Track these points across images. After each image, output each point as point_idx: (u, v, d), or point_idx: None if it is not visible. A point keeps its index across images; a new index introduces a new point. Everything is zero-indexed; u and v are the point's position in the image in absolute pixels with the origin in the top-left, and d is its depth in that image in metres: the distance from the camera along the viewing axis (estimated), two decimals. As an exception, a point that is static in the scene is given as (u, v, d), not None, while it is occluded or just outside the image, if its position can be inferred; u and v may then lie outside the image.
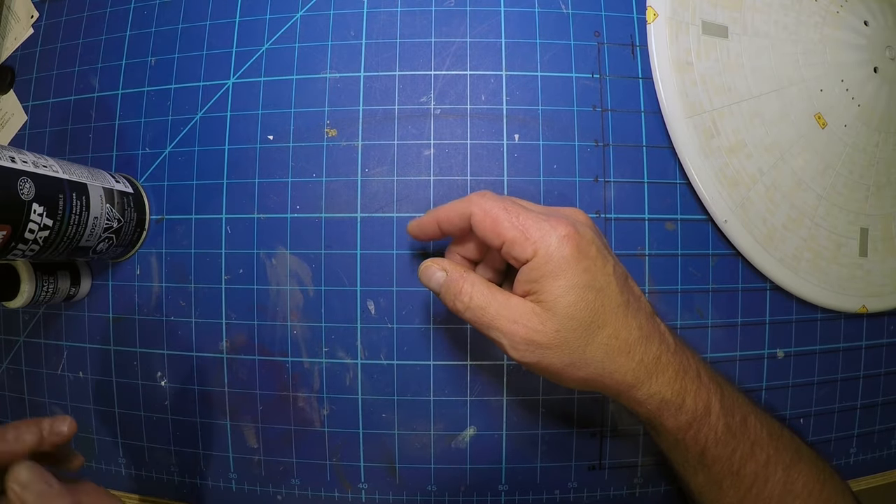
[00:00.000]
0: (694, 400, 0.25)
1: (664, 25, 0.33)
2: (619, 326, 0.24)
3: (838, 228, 0.35)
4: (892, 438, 0.36)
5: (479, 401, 0.32)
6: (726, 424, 0.25)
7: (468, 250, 0.28)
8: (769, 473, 0.26)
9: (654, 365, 0.25)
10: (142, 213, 0.34)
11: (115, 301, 0.35)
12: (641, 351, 0.24)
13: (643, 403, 0.25)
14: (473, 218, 0.25)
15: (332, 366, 0.33)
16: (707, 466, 0.26)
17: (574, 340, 0.24)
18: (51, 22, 0.38)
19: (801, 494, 0.26)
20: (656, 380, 0.25)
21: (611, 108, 0.33)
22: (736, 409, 0.26)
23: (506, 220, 0.24)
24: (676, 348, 0.26)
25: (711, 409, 0.25)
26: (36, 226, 0.26)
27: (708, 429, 0.25)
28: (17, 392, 0.37)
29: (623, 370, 0.24)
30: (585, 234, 0.24)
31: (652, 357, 0.25)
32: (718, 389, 0.26)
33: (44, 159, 0.28)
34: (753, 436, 0.26)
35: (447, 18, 0.33)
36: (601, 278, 0.24)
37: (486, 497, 0.33)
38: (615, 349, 0.24)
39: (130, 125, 0.35)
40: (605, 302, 0.24)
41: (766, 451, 0.26)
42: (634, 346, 0.24)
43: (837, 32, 0.35)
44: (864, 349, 0.35)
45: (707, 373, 0.26)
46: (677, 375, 0.25)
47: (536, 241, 0.24)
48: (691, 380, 0.25)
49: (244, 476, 0.34)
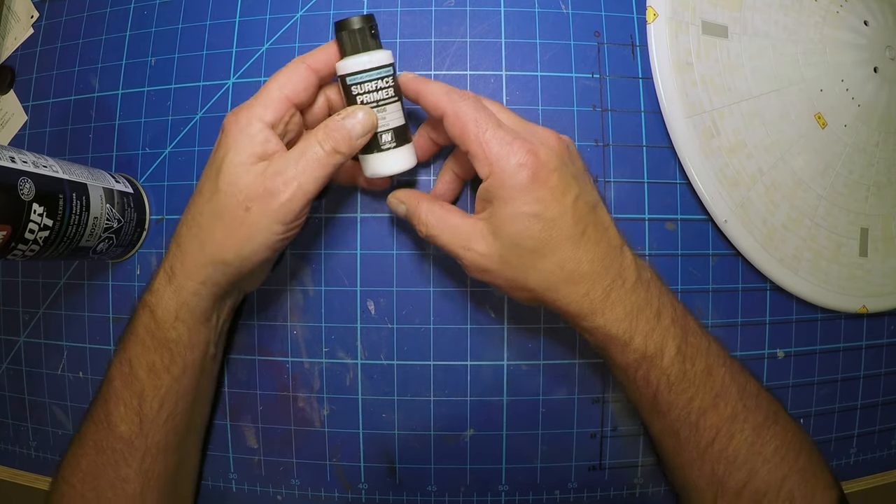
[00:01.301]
0: (644, 340, 0.25)
1: (664, 25, 0.33)
2: (565, 258, 0.24)
3: (838, 228, 0.35)
4: (892, 438, 0.36)
5: (479, 401, 0.32)
6: (682, 371, 0.25)
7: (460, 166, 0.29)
8: (734, 430, 0.25)
9: (601, 300, 0.25)
10: (142, 213, 0.34)
11: (115, 301, 0.35)
12: (588, 285, 0.24)
13: (591, 333, 0.26)
14: (444, 118, 0.26)
15: (332, 366, 0.33)
16: (662, 413, 0.26)
17: (516, 265, 0.25)
18: (51, 22, 0.38)
19: (771, 459, 0.25)
20: (602, 315, 0.25)
21: (611, 108, 0.33)
22: (698, 357, 0.25)
23: (472, 131, 0.25)
24: (635, 286, 0.25)
25: (665, 352, 0.25)
26: (36, 226, 0.26)
27: (659, 372, 0.25)
28: (17, 392, 0.37)
29: (566, 300, 0.25)
30: (549, 162, 0.24)
31: (601, 292, 0.24)
32: (680, 334, 0.25)
33: (44, 159, 0.28)
34: (718, 387, 0.25)
35: (447, 18, 0.33)
36: (554, 208, 0.24)
37: (486, 497, 0.33)
38: (559, 279, 0.24)
39: (130, 125, 0.35)
40: (553, 233, 0.24)
41: (732, 406, 0.25)
42: (583, 279, 0.24)
43: (837, 32, 0.35)
44: (864, 349, 0.35)
45: (671, 316, 0.26)
46: (627, 314, 0.25)
47: (493, 163, 0.24)
48: (646, 320, 0.25)
49: (244, 476, 0.34)
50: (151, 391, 0.27)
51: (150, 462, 0.27)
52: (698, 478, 0.26)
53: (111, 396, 0.27)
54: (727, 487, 0.25)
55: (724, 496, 0.25)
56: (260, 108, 0.26)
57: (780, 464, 0.25)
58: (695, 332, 0.26)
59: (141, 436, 0.27)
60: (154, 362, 0.27)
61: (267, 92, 0.26)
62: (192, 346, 0.28)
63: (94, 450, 0.27)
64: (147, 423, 0.27)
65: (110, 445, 0.27)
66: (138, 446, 0.27)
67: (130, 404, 0.27)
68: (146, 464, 0.27)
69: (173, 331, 0.27)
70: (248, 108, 0.26)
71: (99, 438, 0.27)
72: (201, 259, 0.26)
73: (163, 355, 0.27)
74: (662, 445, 0.27)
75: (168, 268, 0.27)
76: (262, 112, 0.26)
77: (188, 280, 0.26)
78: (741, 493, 0.25)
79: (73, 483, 0.28)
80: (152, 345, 0.27)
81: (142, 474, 0.27)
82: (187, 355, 0.28)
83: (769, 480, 0.25)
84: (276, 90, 0.26)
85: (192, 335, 0.28)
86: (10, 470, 0.37)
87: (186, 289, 0.26)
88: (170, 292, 0.27)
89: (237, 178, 0.25)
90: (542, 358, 0.32)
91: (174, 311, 0.27)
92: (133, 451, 0.27)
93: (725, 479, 0.25)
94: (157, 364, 0.27)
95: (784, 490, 0.25)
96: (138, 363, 0.27)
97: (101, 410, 0.28)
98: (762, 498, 0.25)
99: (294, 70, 0.26)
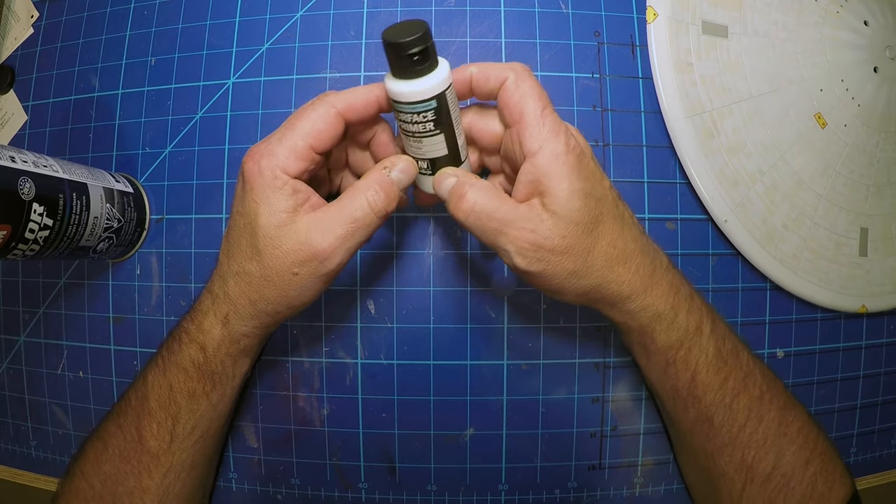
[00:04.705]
0: (686, 317, 0.25)
1: (664, 25, 0.33)
2: (616, 236, 0.24)
3: (838, 228, 0.35)
4: (892, 438, 0.36)
5: (479, 401, 0.32)
6: (717, 349, 0.25)
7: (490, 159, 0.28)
8: (763, 411, 0.26)
9: (649, 277, 0.25)
10: (142, 212, 0.34)
11: (115, 301, 0.35)
12: (637, 262, 0.25)
13: (637, 316, 0.25)
14: (508, 81, 0.24)
15: (332, 365, 0.33)
16: (698, 398, 0.26)
17: (579, 245, 0.24)
18: (51, 22, 0.38)
19: (796, 440, 0.25)
20: (651, 292, 0.25)
21: (611, 108, 0.33)
22: (727, 337, 0.26)
23: (533, 105, 0.24)
24: (669, 266, 0.26)
25: (703, 329, 0.25)
26: (36, 226, 0.26)
27: (699, 350, 0.25)
28: (17, 392, 0.37)
29: (620, 280, 0.25)
30: (587, 151, 0.25)
31: (647, 269, 0.25)
32: (710, 313, 0.26)
33: (44, 159, 0.28)
34: (746, 368, 0.26)
35: (447, 18, 0.33)
36: (599, 189, 0.24)
37: (486, 497, 0.33)
38: (614, 258, 0.24)
39: (130, 125, 0.35)
40: (604, 210, 0.24)
41: (759, 387, 0.26)
42: (631, 257, 0.25)
43: (837, 32, 0.35)
44: (863, 349, 0.35)
45: (699, 297, 0.27)
46: (671, 290, 0.25)
47: (547, 138, 0.23)
48: (684, 298, 0.26)
49: (244, 476, 0.34)
50: (187, 414, 0.27)
51: (172, 478, 0.28)
52: (727, 464, 0.26)
53: (145, 414, 0.27)
54: (756, 473, 0.25)
55: (753, 482, 0.26)
56: (283, 157, 0.24)
57: (804, 445, 0.26)
58: (719, 317, 0.27)
59: (168, 453, 0.27)
60: (195, 389, 0.27)
61: (291, 139, 0.24)
62: (234, 376, 0.28)
63: (119, 458, 0.27)
64: (177, 442, 0.27)
65: (136, 457, 0.27)
66: (164, 462, 0.27)
67: (164, 424, 0.27)
68: (168, 479, 0.27)
69: (220, 365, 0.27)
70: (270, 156, 0.24)
71: (126, 449, 0.27)
72: (253, 311, 0.26)
73: (205, 384, 0.27)
74: (695, 435, 0.27)
75: (221, 315, 0.26)
76: (286, 163, 0.24)
77: (242, 325, 0.27)
78: (770, 478, 0.25)
79: (93, 483, 0.27)
80: (196, 375, 0.27)
81: (163, 489, 0.27)
82: (228, 385, 0.28)
83: (794, 463, 0.25)
84: (300, 139, 0.24)
85: (236, 367, 0.28)
86: (11, 470, 0.37)
87: (240, 332, 0.27)
88: (223, 334, 0.27)
89: (279, 243, 0.24)
90: (542, 358, 0.32)
91: (225, 350, 0.27)
92: (158, 465, 0.27)
93: (754, 464, 0.25)
94: (198, 391, 0.27)
95: (808, 474, 0.25)
96: (179, 389, 0.27)
97: (133, 426, 0.27)
98: (788, 482, 0.25)
99: (322, 117, 0.24)
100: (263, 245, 0.24)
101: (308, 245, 0.24)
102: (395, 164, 0.25)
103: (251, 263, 0.25)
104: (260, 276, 0.25)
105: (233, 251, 0.26)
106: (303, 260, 0.24)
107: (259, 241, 0.24)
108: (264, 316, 0.26)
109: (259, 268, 0.25)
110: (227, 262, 0.26)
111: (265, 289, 0.25)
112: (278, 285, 0.25)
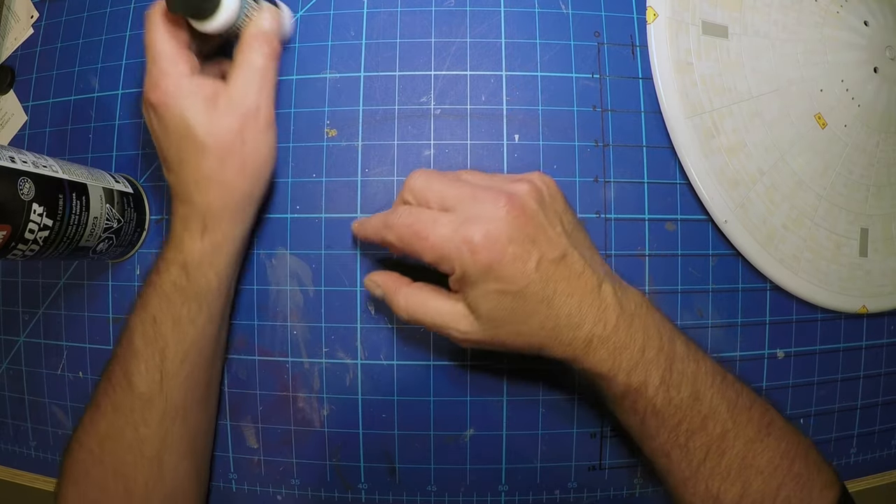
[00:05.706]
0: (627, 376, 0.25)
1: (664, 25, 0.33)
2: (543, 319, 0.25)
3: (838, 228, 0.35)
4: (892, 438, 0.36)
5: (479, 401, 0.32)
6: (667, 398, 0.25)
7: None
8: (725, 447, 0.25)
9: (583, 347, 0.25)
10: (142, 213, 0.34)
11: (115, 301, 0.35)
12: (570, 336, 0.25)
13: (579, 373, 0.27)
14: (392, 248, 0.27)
15: (332, 366, 0.33)
16: (651, 437, 0.26)
17: (502, 334, 0.26)
18: (51, 22, 0.37)
19: (764, 470, 0.25)
20: (586, 360, 0.25)
21: (611, 109, 0.33)
22: (683, 384, 0.26)
23: (419, 246, 0.26)
24: (616, 325, 0.25)
25: (649, 383, 0.25)
26: (36, 226, 0.26)
27: (645, 401, 0.25)
28: (17, 392, 0.37)
29: (553, 351, 0.26)
30: (501, 235, 0.24)
31: (582, 340, 0.25)
32: (665, 363, 0.25)
33: (44, 159, 0.28)
34: (706, 410, 0.26)
35: (447, 18, 0.33)
36: (519, 280, 0.24)
37: (486, 497, 0.33)
38: (543, 338, 0.25)
39: (130, 125, 0.35)
40: (525, 302, 0.25)
41: (721, 425, 0.26)
42: (562, 332, 0.25)
43: (837, 32, 0.35)
44: (864, 349, 0.35)
45: (657, 346, 0.26)
46: (610, 354, 0.25)
47: (454, 260, 0.25)
48: (628, 357, 0.25)
49: (244, 476, 0.34)
50: (175, 345, 0.27)
51: (168, 423, 0.27)
52: (693, 495, 0.26)
53: (131, 356, 0.27)
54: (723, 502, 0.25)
55: None
56: (171, 67, 0.27)
57: (774, 473, 0.25)
58: (682, 358, 0.26)
59: (161, 395, 0.27)
60: (180, 315, 0.27)
61: (162, 58, 0.27)
62: (220, 292, 0.29)
63: (112, 410, 0.27)
64: (168, 379, 0.27)
65: (129, 405, 0.27)
66: (158, 405, 0.27)
67: (153, 361, 0.27)
68: (165, 425, 0.27)
69: (204, 280, 0.27)
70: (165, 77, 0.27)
71: (117, 399, 0.27)
72: (227, 203, 0.27)
73: (190, 308, 0.27)
74: (655, 466, 0.28)
75: (199, 227, 0.27)
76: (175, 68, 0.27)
77: (221, 227, 0.27)
78: None
79: (90, 447, 0.27)
80: (180, 299, 0.27)
81: (160, 435, 0.27)
82: (213, 303, 0.28)
83: (764, 491, 0.25)
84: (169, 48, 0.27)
85: (221, 281, 0.28)
86: (10, 470, 0.37)
87: (220, 235, 0.27)
88: (203, 246, 0.27)
89: (215, 129, 0.27)
90: (542, 358, 0.32)
91: (208, 262, 0.27)
92: (152, 410, 0.27)
93: (720, 494, 0.25)
94: (184, 317, 0.27)
95: (780, 498, 0.25)
96: (163, 318, 0.27)
97: (120, 371, 0.27)
98: None
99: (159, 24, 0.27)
100: (205, 137, 0.27)
101: (235, 113, 0.27)
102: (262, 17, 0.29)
103: (203, 161, 0.27)
104: (217, 167, 0.27)
105: (182, 168, 0.27)
106: (242, 125, 0.27)
107: (199, 140, 0.27)
108: (239, 209, 0.28)
109: (212, 160, 0.27)
110: (181, 181, 0.28)
111: (227, 173, 0.27)
112: (236, 163, 0.27)
